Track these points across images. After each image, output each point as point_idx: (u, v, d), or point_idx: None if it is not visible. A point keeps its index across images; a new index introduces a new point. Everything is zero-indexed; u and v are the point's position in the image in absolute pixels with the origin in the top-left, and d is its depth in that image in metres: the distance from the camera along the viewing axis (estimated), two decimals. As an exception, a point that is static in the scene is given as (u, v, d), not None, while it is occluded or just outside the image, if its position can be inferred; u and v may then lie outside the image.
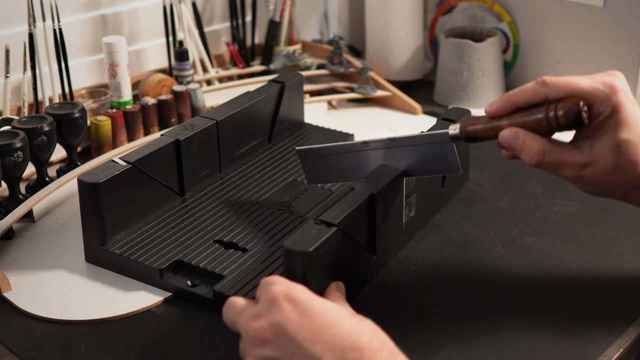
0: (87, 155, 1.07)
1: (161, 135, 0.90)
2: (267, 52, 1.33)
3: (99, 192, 0.80)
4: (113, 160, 0.84)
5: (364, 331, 0.60)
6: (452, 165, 0.78)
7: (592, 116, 0.70)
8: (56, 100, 1.10)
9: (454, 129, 0.75)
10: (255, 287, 0.75)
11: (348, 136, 1.09)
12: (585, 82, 0.70)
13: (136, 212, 0.86)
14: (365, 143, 0.82)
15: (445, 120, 0.92)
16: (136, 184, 0.85)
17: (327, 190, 0.94)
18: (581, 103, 0.69)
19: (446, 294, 0.79)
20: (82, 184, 0.81)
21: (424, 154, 0.79)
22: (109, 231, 0.83)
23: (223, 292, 0.75)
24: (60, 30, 1.07)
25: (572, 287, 0.80)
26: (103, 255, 0.82)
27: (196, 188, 0.93)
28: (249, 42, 1.36)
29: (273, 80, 1.06)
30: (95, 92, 1.16)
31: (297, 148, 0.87)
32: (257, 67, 1.33)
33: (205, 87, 1.23)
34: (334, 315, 0.60)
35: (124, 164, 0.83)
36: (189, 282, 0.79)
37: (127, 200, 0.84)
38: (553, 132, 0.72)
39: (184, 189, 0.91)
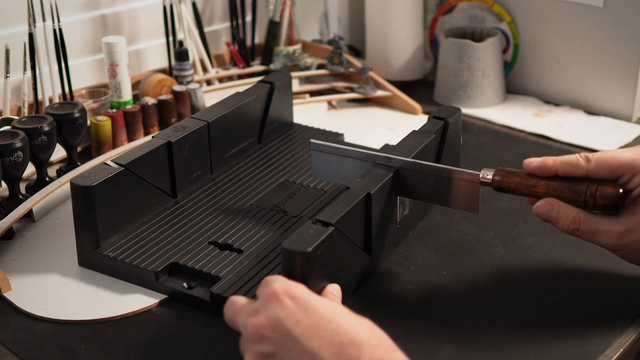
0: (87, 155, 1.07)
1: (152, 137, 0.90)
2: (267, 52, 1.33)
3: (92, 195, 0.80)
4: (105, 163, 0.84)
5: (362, 327, 0.60)
6: (471, 205, 0.80)
7: (633, 186, 0.71)
8: (56, 100, 1.10)
9: (486, 175, 0.77)
10: (253, 287, 0.76)
11: (338, 136, 1.09)
12: (626, 155, 0.71)
13: (129, 214, 0.86)
14: (389, 159, 0.82)
15: (436, 118, 0.92)
16: (129, 187, 0.85)
17: (320, 190, 0.94)
18: (620, 190, 0.71)
19: (446, 294, 0.79)
20: (75, 187, 0.80)
21: (445, 186, 0.80)
22: (102, 234, 0.82)
23: (220, 294, 0.75)
24: (60, 30, 1.07)
25: (572, 287, 0.80)
26: (97, 258, 0.82)
27: (188, 190, 0.93)
28: (249, 42, 1.36)
29: (262, 81, 1.06)
30: (95, 92, 1.16)
31: (312, 140, 0.87)
32: (257, 67, 1.33)
33: (205, 87, 1.23)
34: (332, 312, 0.61)
35: (117, 166, 0.83)
36: (185, 285, 0.79)
37: (120, 202, 0.84)
38: (585, 209, 0.73)
39: (176, 190, 0.91)
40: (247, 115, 1.01)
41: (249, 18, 1.35)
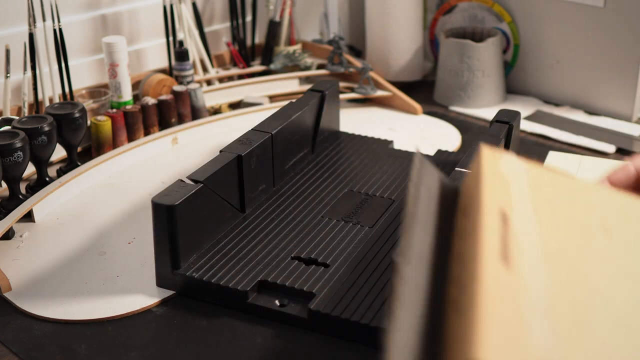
0: (87, 155, 1.08)
1: (221, 151, 0.87)
2: (267, 52, 1.33)
3: (176, 214, 0.76)
4: (182, 180, 0.81)
5: None
6: None
7: None
8: (56, 100, 1.10)
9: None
10: (351, 302, 0.73)
11: (389, 143, 1.08)
12: None
13: (205, 232, 0.83)
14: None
15: (499, 122, 0.94)
16: (205, 204, 0.82)
17: (388, 200, 0.93)
18: None
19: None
20: (158, 206, 0.76)
21: None
22: (182, 254, 0.79)
23: (320, 310, 0.73)
24: (60, 30, 1.07)
25: (572, 287, 0.80)
26: (179, 280, 0.79)
27: (255, 204, 0.90)
28: (249, 42, 1.36)
29: (312, 90, 1.04)
30: (95, 92, 1.16)
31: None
32: (257, 67, 1.33)
33: (205, 87, 1.23)
34: None
35: (194, 183, 0.80)
36: (277, 302, 0.76)
37: (198, 220, 0.81)
38: None
39: (244, 205, 0.88)
40: (303, 126, 1.00)
41: (249, 18, 1.35)
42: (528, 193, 0.55)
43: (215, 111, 1.22)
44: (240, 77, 1.32)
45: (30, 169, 0.96)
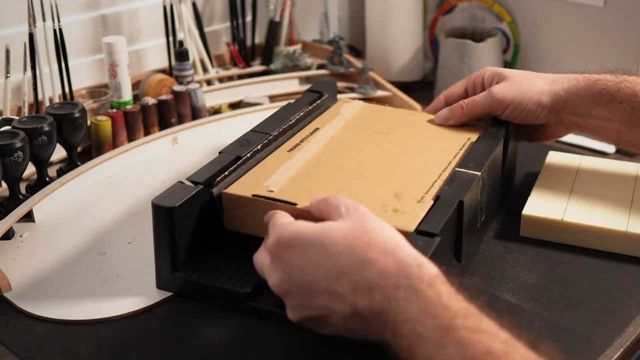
0: (87, 155, 1.08)
1: (220, 152, 0.86)
2: (267, 52, 1.33)
3: (176, 216, 0.76)
4: (181, 182, 0.80)
5: (350, 252, 0.63)
6: None
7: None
8: (56, 100, 1.10)
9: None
10: None
11: None
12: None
13: (205, 234, 0.82)
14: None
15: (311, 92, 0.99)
16: (205, 205, 0.81)
17: None
18: None
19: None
20: (158, 208, 0.76)
21: None
22: (182, 256, 0.79)
23: None
24: (60, 30, 1.07)
25: (572, 287, 0.80)
26: (179, 281, 0.78)
27: None
28: (249, 42, 1.36)
29: (310, 90, 1.02)
30: (95, 92, 1.16)
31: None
32: (257, 67, 1.33)
33: (205, 87, 1.23)
34: (324, 249, 0.64)
35: (194, 185, 0.79)
36: (277, 304, 0.74)
37: (197, 222, 0.80)
38: None
39: None
40: (300, 127, 0.97)
41: (249, 18, 1.35)
42: (348, 118, 0.95)
43: (215, 111, 1.22)
44: (240, 77, 1.32)
45: (30, 169, 0.96)
